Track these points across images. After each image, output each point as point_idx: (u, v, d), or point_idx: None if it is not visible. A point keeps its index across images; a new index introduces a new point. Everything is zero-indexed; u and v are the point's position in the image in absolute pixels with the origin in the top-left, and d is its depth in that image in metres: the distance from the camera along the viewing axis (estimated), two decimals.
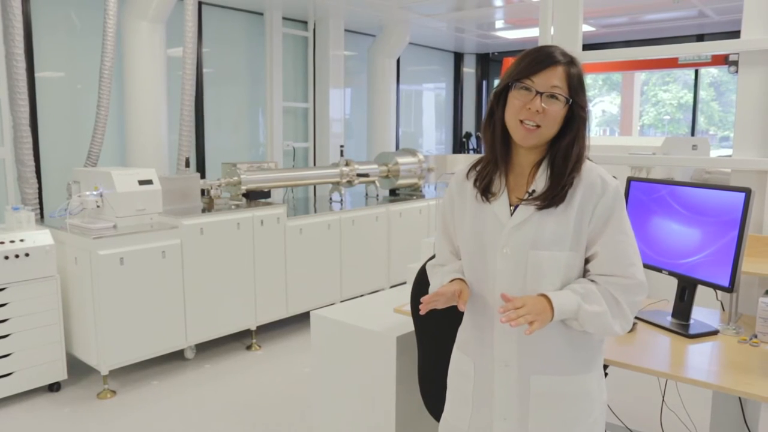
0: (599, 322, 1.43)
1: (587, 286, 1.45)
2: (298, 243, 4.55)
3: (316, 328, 2.68)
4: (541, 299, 1.41)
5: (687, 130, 8.45)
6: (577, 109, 1.46)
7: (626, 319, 1.46)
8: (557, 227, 1.44)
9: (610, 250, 1.46)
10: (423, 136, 9.15)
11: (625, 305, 1.44)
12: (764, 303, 2.07)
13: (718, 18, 6.54)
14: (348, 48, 7.17)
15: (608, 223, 1.46)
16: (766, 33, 2.47)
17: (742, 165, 2.56)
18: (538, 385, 1.48)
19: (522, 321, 1.34)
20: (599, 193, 1.45)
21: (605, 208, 1.45)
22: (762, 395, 1.70)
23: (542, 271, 1.45)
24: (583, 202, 1.45)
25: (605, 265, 1.46)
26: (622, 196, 1.50)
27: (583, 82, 1.48)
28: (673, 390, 2.68)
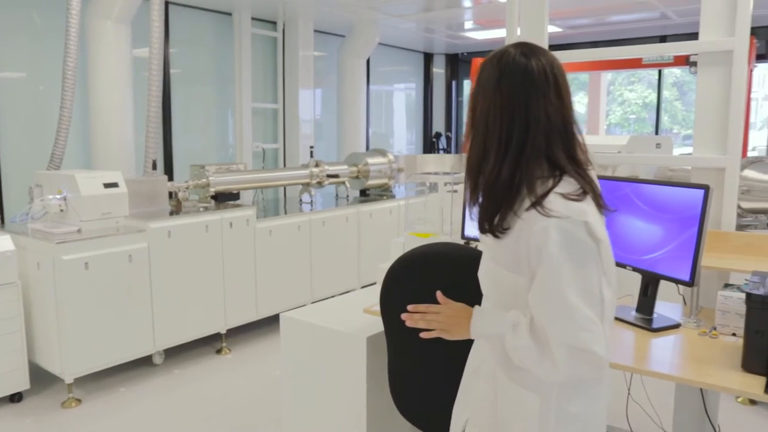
0: (522, 358, 1.33)
1: (523, 319, 1.33)
2: (268, 245, 4.53)
3: (286, 330, 2.67)
4: (466, 312, 1.42)
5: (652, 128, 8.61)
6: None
7: (557, 371, 1.28)
8: (506, 245, 1.36)
9: (535, 303, 1.30)
10: (393, 136, 9.17)
11: (559, 358, 1.26)
12: (723, 296, 2.12)
13: (680, 20, 6.68)
14: (317, 48, 7.15)
15: (537, 270, 1.28)
16: (722, 35, 2.53)
17: (701, 163, 2.62)
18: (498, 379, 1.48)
19: (422, 324, 1.37)
20: (528, 230, 1.29)
21: (534, 250, 1.28)
22: (720, 385, 1.75)
23: (492, 285, 1.44)
24: (525, 226, 1.30)
25: (534, 315, 1.31)
26: (555, 239, 1.24)
27: (480, 83, 1.37)
28: (638, 383, 2.73)
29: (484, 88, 1.37)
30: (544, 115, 1.32)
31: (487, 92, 1.36)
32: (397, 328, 2.05)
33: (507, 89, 1.33)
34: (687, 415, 2.63)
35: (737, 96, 2.51)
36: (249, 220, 4.38)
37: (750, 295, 1.76)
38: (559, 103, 1.34)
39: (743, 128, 2.62)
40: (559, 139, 1.34)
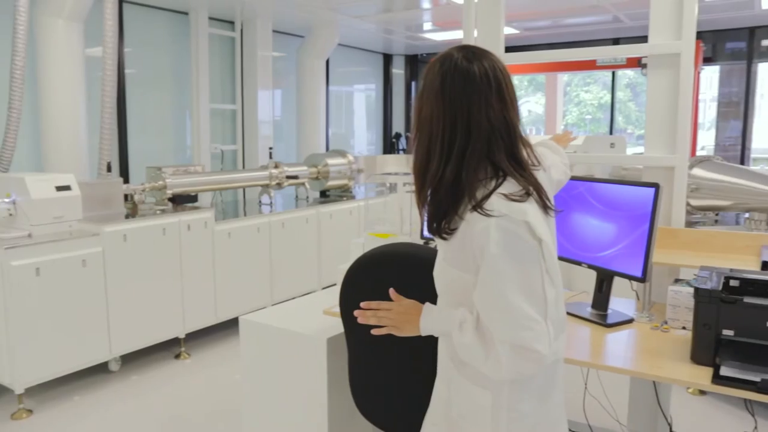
0: (468, 355, 1.36)
1: (470, 316, 1.35)
2: (227, 247, 4.47)
3: (245, 333, 2.65)
4: (417, 310, 1.44)
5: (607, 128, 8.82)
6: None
7: (499, 368, 1.29)
8: (455, 242, 1.37)
9: (478, 302, 1.32)
10: (354, 137, 9.17)
11: (502, 355, 1.27)
12: (673, 291, 2.19)
13: (632, 23, 6.86)
14: (276, 49, 7.11)
15: (480, 270, 1.30)
16: (670, 38, 2.61)
17: (652, 162, 2.70)
18: (449, 370, 1.50)
19: (373, 321, 1.40)
20: (470, 229, 1.31)
21: (477, 249, 1.30)
22: (671, 377, 1.80)
23: (443, 282, 1.46)
24: (468, 226, 1.32)
25: (481, 314, 1.33)
26: (496, 238, 1.26)
27: (424, 86, 1.38)
28: (594, 377, 2.79)
29: (427, 92, 1.37)
30: (486, 119, 1.33)
31: (430, 96, 1.36)
32: (356, 329, 2.05)
33: (449, 93, 1.34)
34: (641, 407, 2.71)
35: (684, 97, 2.59)
36: (207, 223, 4.32)
37: (698, 290, 1.82)
38: (502, 106, 1.35)
39: (691, 128, 2.70)
40: (501, 142, 1.35)
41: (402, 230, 3.01)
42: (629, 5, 6.10)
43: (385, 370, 2.01)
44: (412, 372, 1.71)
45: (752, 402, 2.27)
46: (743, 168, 4.31)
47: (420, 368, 1.69)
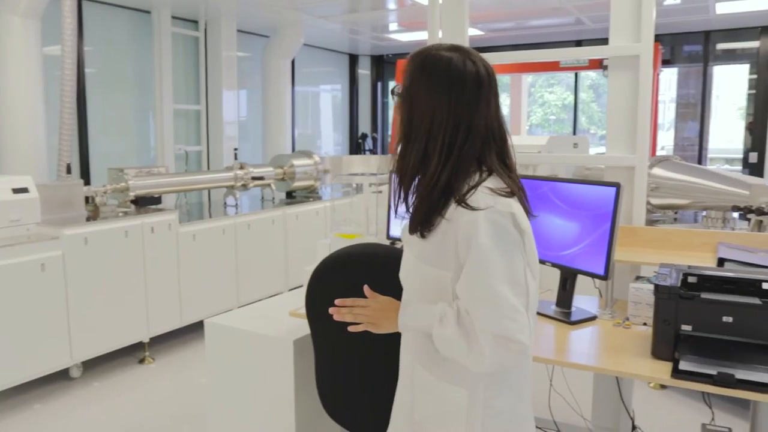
0: (450, 350, 1.35)
1: (450, 310, 1.34)
2: (192, 249, 4.41)
3: (211, 336, 2.62)
4: (394, 306, 1.42)
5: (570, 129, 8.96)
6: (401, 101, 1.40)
7: (482, 360, 1.29)
8: (432, 241, 1.38)
9: (464, 294, 1.32)
10: (320, 137, 9.15)
11: (485, 346, 1.27)
12: (634, 288, 2.23)
13: (594, 25, 6.99)
14: (241, 49, 7.04)
15: (467, 260, 1.30)
16: (629, 40, 2.66)
17: (613, 162, 2.75)
18: (418, 374, 1.49)
19: (349, 318, 1.38)
20: (456, 221, 1.32)
21: (463, 242, 1.31)
22: (633, 373, 1.84)
23: (417, 281, 1.44)
24: (450, 222, 1.34)
25: (463, 305, 1.33)
26: (484, 229, 1.28)
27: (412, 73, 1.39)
28: (559, 374, 2.84)
29: (426, 91, 1.36)
30: (485, 121, 1.35)
31: (433, 97, 1.35)
32: (323, 330, 2.05)
33: (456, 95, 1.34)
34: (605, 403, 2.76)
35: (644, 98, 2.65)
36: (171, 225, 4.25)
37: (658, 287, 1.86)
38: (496, 108, 1.38)
39: (651, 129, 2.76)
40: (494, 144, 1.38)
41: (368, 231, 3.01)
42: (591, 8, 6.21)
43: (352, 371, 2.00)
44: (379, 373, 1.71)
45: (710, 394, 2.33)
46: (701, 167, 4.43)
47: (387, 369, 1.69)
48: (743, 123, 7.57)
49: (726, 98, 8.14)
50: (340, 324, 2.00)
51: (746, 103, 7.55)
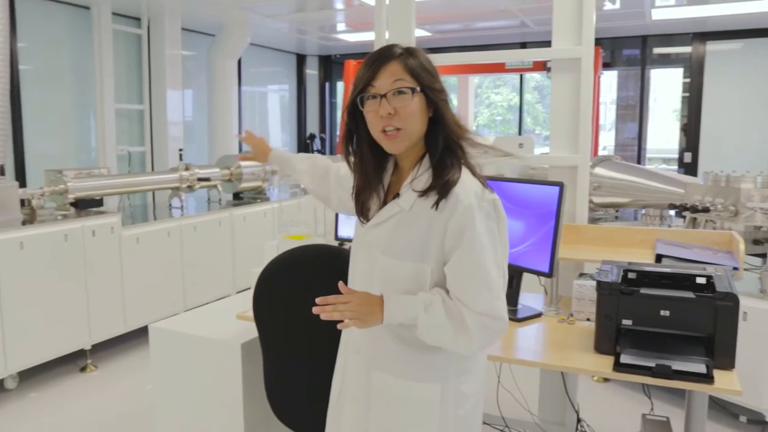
0: (438, 337, 1.38)
1: (435, 297, 1.38)
2: (136, 253, 4.30)
3: (156, 341, 2.55)
4: (375, 300, 1.38)
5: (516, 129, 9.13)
6: (431, 93, 1.38)
7: (470, 342, 1.37)
8: (408, 235, 1.41)
9: (456, 276, 1.38)
10: (268, 138, 9.01)
11: (473, 328, 1.35)
12: (578, 285, 2.29)
13: (538, 28, 7.14)
14: (186, 47, 6.90)
15: (458, 246, 1.36)
16: (571, 43, 2.73)
17: (556, 161, 2.82)
18: (378, 380, 1.49)
19: (336, 316, 1.34)
20: (451, 209, 1.36)
21: (456, 228, 1.36)
22: (577, 367, 1.89)
23: (389, 278, 1.43)
24: (436, 214, 1.38)
25: (452, 288, 1.39)
26: (479, 216, 1.35)
27: (427, 68, 1.40)
28: (507, 371, 2.89)
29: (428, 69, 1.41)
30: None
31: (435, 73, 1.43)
32: (271, 333, 2.03)
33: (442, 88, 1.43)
34: (550, 397, 2.83)
35: (585, 100, 2.72)
36: (114, 228, 4.13)
37: (600, 283, 1.92)
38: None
39: (593, 130, 2.84)
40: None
41: (316, 232, 3.00)
42: (535, 11, 6.34)
43: (301, 373, 1.99)
44: (328, 374, 1.70)
45: (649, 386, 2.41)
46: (640, 167, 4.59)
47: None
48: (678, 124, 7.88)
49: (662, 101, 8.44)
50: (288, 326, 2.00)
51: (680, 105, 7.85)
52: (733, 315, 1.76)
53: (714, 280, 1.84)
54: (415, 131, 1.40)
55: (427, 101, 1.39)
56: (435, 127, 1.41)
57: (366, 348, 1.51)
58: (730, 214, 3.03)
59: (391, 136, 1.38)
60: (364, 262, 1.50)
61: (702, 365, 1.73)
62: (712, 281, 1.84)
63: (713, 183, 3.27)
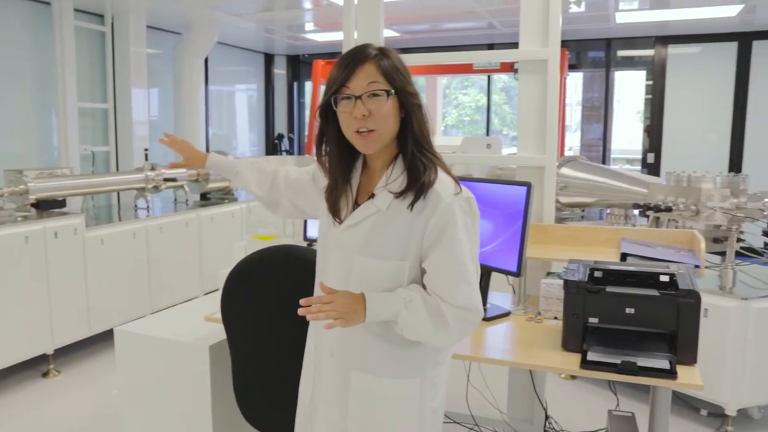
0: (419, 332, 1.41)
1: (414, 294, 1.41)
2: (100, 255, 4.21)
3: (121, 345, 2.51)
4: (357, 298, 1.39)
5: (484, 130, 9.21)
6: (404, 97, 1.40)
7: (449, 335, 1.41)
8: (386, 235, 1.43)
9: (436, 271, 1.41)
10: (235, 138, 8.96)
11: (452, 322, 1.39)
12: (545, 284, 2.32)
13: (505, 30, 7.21)
14: (151, 45, 6.79)
15: (439, 242, 1.39)
16: (538, 45, 2.77)
17: (524, 162, 2.85)
18: (357, 380, 1.49)
19: (322, 316, 1.33)
20: (432, 207, 1.39)
21: (437, 226, 1.39)
22: (545, 365, 1.92)
23: (366, 277, 1.44)
24: (416, 213, 1.40)
25: (432, 283, 1.42)
26: (458, 213, 1.40)
27: (401, 70, 1.42)
28: (476, 369, 2.91)
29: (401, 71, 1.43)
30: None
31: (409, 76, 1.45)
32: (240, 335, 2.01)
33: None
34: (519, 395, 2.86)
35: (552, 101, 2.76)
36: (77, 229, 4.04)
37: (567, 282, 1.95)
38: None
39: (559, 130, 2.88)
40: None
41: (285, 232, 2.98)
42: (502, 13, 6.41)
43: (270, 374, 1.98)
44: (298, 376, 1.69)
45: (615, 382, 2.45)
46: (605, 167, 4.67)
47: None
48: (641, 126, 8.04)
49: (626, 102, 8.61)
50: (258, 327, 1.98)
51: (644, 107, 8.02)
52: (695, 312, 1.81)
53: (677, 278, 1.88)
54: (389, 132, 1.42)
55: (400, 103, 1.41)
56: (407, 128, 1.43)
57: (341, 349, 1.51)
58: (691, 213, 3.11)
59: (365, 136, 1.40)
60: (339, 263, 1.49)
61: (666, 361, 1.77)
62: (675, 279, 1.88)
63: (675, 183, 3.35)
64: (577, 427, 2.96)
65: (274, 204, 1.81)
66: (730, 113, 7.41)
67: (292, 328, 1.79)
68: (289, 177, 1.77)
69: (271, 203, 1.82)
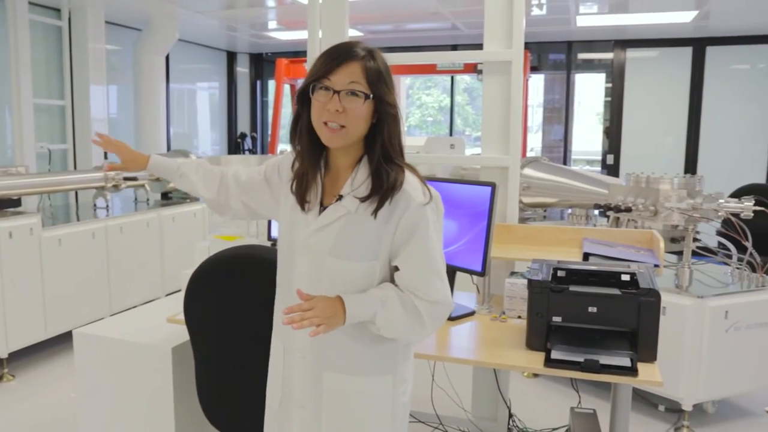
0: (396, 329, 1.44)
1: (389, 292, 1.43)
2: (58, 255, 4.10)
3: (80, 347, 2.45)
4: (335, 302, 1.39)
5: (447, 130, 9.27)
6: (381, 105, 1.41)
7: (425, 329, 1.45)
8: (357, 236, 1.43)
9: (410, 268, 1.44)
10: (197, 136, 8.83)
11: (426, 317, 1.43)
12: (509, 283, 2.35)
13: (468, 31, 7.27)
14: (111, 41, 6.64)
15: (411, 240, 1.42)
16: (502, 47, 2.80)
17: (488, 162, 2.88)
18: (329, 380, 1.49)
19: (306, 324, 1.33)
20: (403, 207, 1.41)
21: (408, 224, 1.42)
22: (509, 364, 1.94)
23: (338, 279, 1.44)
24: (387, 214, 1.42)
25: (405, 280, 1.45)
26: (429, 212, 1.44)
27: (385, 76, 1.42)
28: (440, 369, 2.93)
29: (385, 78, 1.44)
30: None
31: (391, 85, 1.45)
32: (203, 336, 1.99)
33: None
34: (483, 393, 2.89)
35: (516, 102, 2.79)
36: (33, 229, 3.92)
37: (531, 281, 1.97)
38: None
39: (522, 131, 2.92)
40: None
41: (248, 232, 2.95)
42: (466, 14, 6.46)
43: (235, 375, 1.96)
44: (263, 378, 1.68)
45: (576, 380, 2.50)
46: (566, 168, 4.74)
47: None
48: (601, 127, 8.21)
49: (586, 104, 8.77)
50: (222, 329, 1.96)
51: (603, 109, 8.19)
52: (655, 310, 1.85)
53: (638, 277, 1.92)
54: (357, 133, 1.42)
55: (375, 109, 1.42)
56: (375, 134, 1.44)
57: (312, 350, 1.50)
58: (650, 213, 3.18)
59: (333, 131, 1.40)
60: (309, 266, 1.48)
61: (627, 359, 1.81)
62: (635, 278, 1.92)
63: (635, 184, 3.42)
64: (540, 424, 3.00)
65: (223, 206, 1.75)
66: (686, 116, 7.63)
67: (256, 330, 1.78)
68: (239, 178, 1.71)
69: (220, 205, 1.76)
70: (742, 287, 3.23)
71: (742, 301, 3.13)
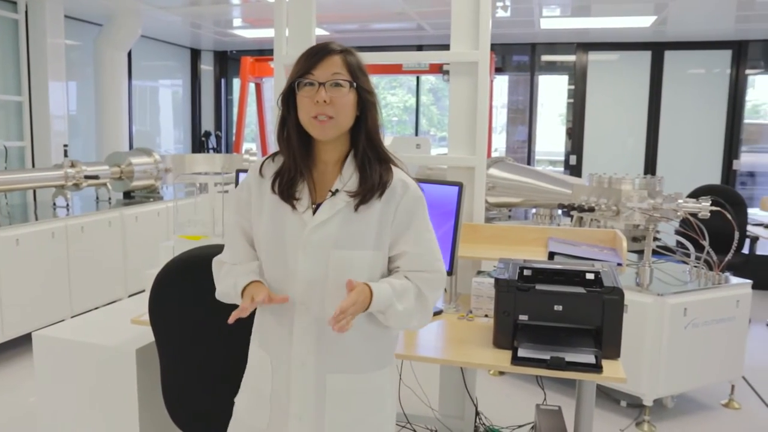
0: (403, 319, 1.48)
1: (404, 282, 1.48)
2: (15, 256, 3.99)
3: (40, 350, 2.39)
4: (365, 290, 1.41)
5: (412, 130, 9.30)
6: (363, 93, 1.47)
7: (426, 315, 1.54)
8: (360, 226, 1.46)
9: (417, 248, 1.50)
10: (160, 134, 8.68)
11: (430, 301, 1.52)
12: (476, 282, 2.37)
13: (434, 32, 7.31)
14: (70, 36, 6.47)
15: (412, 223, 1.50)
16: (469, 47, 2.82)
17: (455, 162, 2.90)
18: (334, 383, 1.48)
19: (349, 326, 1.36)
20: (400, 194, 1.48)
21: (407, 209, 1.49)
22: (476, 362, 1.96)
23: (345, 271, 1.44)
24: (384, 202, 1.47)
25: (414, 262, 1.50)
26: (423, 197, 1.54)
27: (362, 69, 1.49)
28: (408, 368, 2.94)
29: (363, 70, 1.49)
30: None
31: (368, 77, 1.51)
32: (169, 337, 1.96)
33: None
34: (450, 392, 2.91)
35: (482, 102, 2.82)
36: None
37: (498, 280, 2.00)
38: None
39: (487, 132, 2.95)
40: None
41: (214, 232, 2.91)
42: (432, 15, 6.49)
43: (201, 377, 1.93)
44: (231, 380, 1.66)
45: (542, 377, 2.53)
46: (530, 168, 4.81)
47: (239, 372, 1.65)
48: (564, 128, 8.35)
49: (549, 106, 8.89)
50: (188, 330, 1.94)
51: (566, 110, 8.32)
52: (618, 308, 1.89)
53: (601, 275, 1.96)
54: (345, 123, 1.46)
55: (358, 99, 1.47)
56: (360, 125, 1.49)
57: (315, 356, 1.48)
58: (612, 213, 3.25)
59: (323, 122, 1.43)
60: (311, 262, 1.46)
61: (591, 356, 1.84)
62: (599, 277, 1.96)
63: (597, 184, 3.49)
64: (506, 421, 3.04)
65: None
66: (645, 118, 7.81)
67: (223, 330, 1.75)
68: (250, 251, 1.58)
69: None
70: (699, 285, 3.33)
71: (699, 298, 3.22)
